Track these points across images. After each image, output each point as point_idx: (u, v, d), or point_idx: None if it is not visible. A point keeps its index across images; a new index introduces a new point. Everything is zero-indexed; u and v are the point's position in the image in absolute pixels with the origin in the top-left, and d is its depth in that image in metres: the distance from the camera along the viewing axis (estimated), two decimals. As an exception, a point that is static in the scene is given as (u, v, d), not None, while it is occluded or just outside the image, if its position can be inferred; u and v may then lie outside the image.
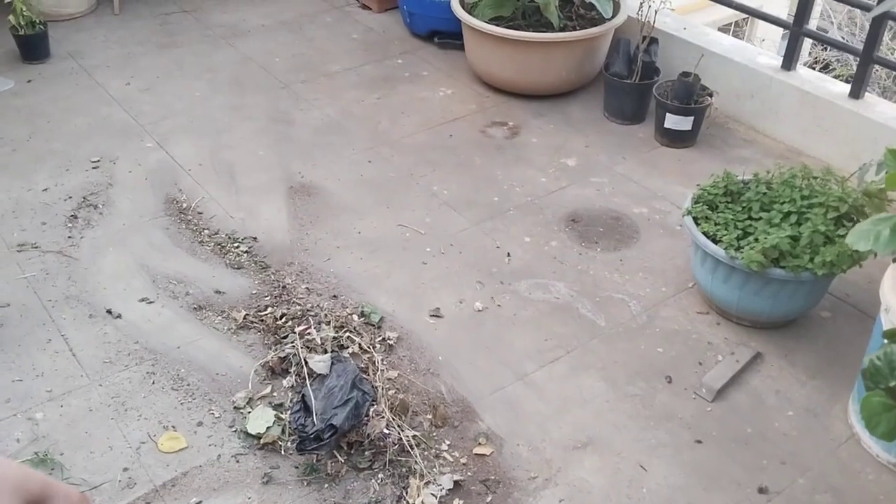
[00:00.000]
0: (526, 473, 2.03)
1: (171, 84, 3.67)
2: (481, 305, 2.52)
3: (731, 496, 1.98)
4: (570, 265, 2.68)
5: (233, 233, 2.79)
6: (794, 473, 2.04)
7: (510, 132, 3.39)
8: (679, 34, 3.55)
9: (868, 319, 2.46)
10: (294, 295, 2.52)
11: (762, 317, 2.39)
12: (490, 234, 2.82)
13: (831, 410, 2.21)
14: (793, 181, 2.39)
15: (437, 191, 3.02)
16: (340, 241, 2.77)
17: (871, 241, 1.55)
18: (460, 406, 2.20)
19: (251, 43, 4.04)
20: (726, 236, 2.30)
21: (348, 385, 2.10)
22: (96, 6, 4.33)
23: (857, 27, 9.70)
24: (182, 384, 2.23)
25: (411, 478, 1.98)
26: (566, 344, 2.39)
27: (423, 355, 2.35)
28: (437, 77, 3.78)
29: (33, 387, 2.21)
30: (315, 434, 2.01)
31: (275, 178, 3.07)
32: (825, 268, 2.18)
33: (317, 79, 3.75)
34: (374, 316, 2.44)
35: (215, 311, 2.47)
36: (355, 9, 4.42)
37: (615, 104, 3.45)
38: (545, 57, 3.46)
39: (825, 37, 4.06)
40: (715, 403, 2.22)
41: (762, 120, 3.36)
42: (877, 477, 2.04)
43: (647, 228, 2.85)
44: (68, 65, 3.78)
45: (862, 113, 3.03)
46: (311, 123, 3.42)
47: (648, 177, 3.12)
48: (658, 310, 2.52)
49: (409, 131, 3.37)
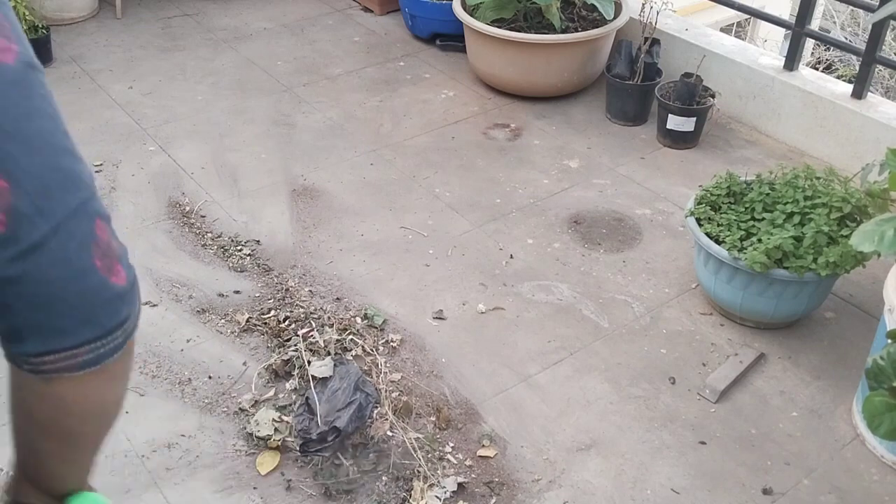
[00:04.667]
0: (530, 475, 2.02)
1: (174, 88, 3.68)
2: (484, 307, 2.52)
3: (735, 497, 1.98)
4: (572, 267, 2.68)
5: (236, 236, 2.80)
6: (798, 474, 2.04)
7: (512, 134, 3.39)
8: (681, 35, 3.55)
9: (872, 320, 2.46)
10: (297, 298, 2.52)
11: (766, 318, 2.39)
12: (493, 236, 2.82)
13: (836, 411, 2.21)
14: (796, 182, 2.39)
15: (440, 193, 3.02)
16: (343, 244, 2.77)
17: (876, 241, 1.55)
18: (464, 408, 2.20)
19: (253, 46, 4.05)
20: (729, 237, 2.30)
21: (351, 387, 2.10)
22: (98, 10, 4.34)
23: (860, 27, 9.69)
24: (186, 387, 2.24)
25: (415, 480, 1.98)
26: (569, 346, 2.39)
27: (427, 357, 2.35)
28: (439, 79, 3.78)
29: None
30: (319, 436, 2.01)
31: (277, 181, 3.08)
32: (829, 268, 2.18)
33: (319, 81, 3.75)
34: (378, 318, 2.44)
35: (218, 314, 2.47)
36: (357, 11, 4.42)
37: (617, 105, 3.45)
38: (547, 59, 3.46)
39: (827, 37, 4.06)
40: (719, 404, 2.21)
41: (764, 121, 3.36)
42: (882, 477, 2.04)
43: (649, 230, 2.85)
44: (71, 69, 3.79)
45: (864, 113, 3.03)
46: (313, 126, 3.42)
47: (651, 178, 3.12)
48: (661, 311, 2.52)
49: (411, 133, 3.38)
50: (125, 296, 0.72)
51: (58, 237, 0.67)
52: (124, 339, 0.73)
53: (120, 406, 0.80)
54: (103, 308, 0.71)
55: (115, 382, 0.77)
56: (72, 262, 0.68)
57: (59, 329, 0.69)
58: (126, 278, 0.73)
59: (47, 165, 0.67)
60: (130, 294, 0.73)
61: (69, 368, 0.71)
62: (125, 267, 0.73)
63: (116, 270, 0.71)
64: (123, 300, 0.72)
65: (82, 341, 0.70)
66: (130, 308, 0.73)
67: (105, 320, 0.71)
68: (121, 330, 0.72)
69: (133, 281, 0.74)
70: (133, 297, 0.74)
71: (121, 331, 0.72)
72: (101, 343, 0.71)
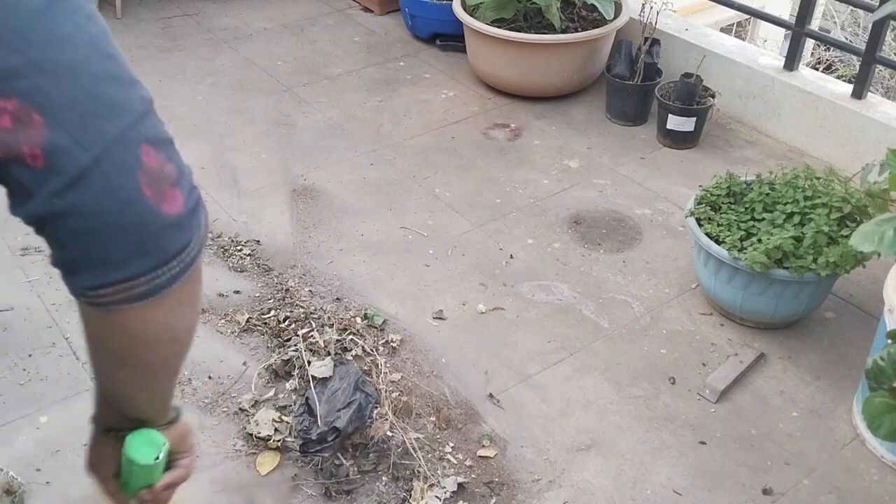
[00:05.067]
0: (530, 475, 2.02)
1: (174, 87, 3.68)
2: (484, 307, 2.52)
3: (735, 497, 1.98)
4: (572, 267, 2.68)
5: (236, 236, 2.80)
6: (798, 474, 2.04)
7: (512, 134, 3.39)
8: (681, 35, 3.55)
9: (872, 320, 2.46)
10: (297, 298, 2.52)
11: (766, 318, 2.39)
12: (493, 236, 2.82)
13: (836, 411, 2.21)
14: (796, 182, 2.39)
15: (440, 193, 3.02)
16: (343, 244, 2.77)
17: (876, 242, 1.55)
18: (464, 408, 2.20)
19: (253, 46, 4.05)
20: (729, 237, 2.30)
21: (351, 387, 2.10)
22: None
23: (860, 27, 9.69)
24: (186, 387, 2.24)
25: (415, 480, 1.98)
26: (569, 346, 2.39)
27: (427, 358, 2.35)
28: (439, 79, 3.78)
29: (37, 390, 2.22)
30: (319, 437, 2.01)
31: (277, 181, 3.08)
32: (829, 268, 2.18)
33: (319, 82, 3.75)
34: (378, 318, 2.44)
35: (218, 314, 2.48)
36: (357, 11, 4.42)
37: (617, 105, 3.45)
38: (547, 59, 3.46)
39: (827, 37, 4.06)
40: (719, 404, 2.21)
41: (764, 121, 3.36)
42: (882, 478, 2.04)
43: (649, 230, 2.85)
44: (71, 69, 3.79)
45: (864, 113, 3.03)
46: (313, 126, 3.42)
47: (651, 178, 3.12)
48: (661, 311, 2.52)
49: (411, 133, 3.38)
50: (182, 223, 0.69)
51: (100, 168, 0.65)
52: (183, 267, 0.70)
53: (192, 332, 0.78)
54: (155, 238, 0.68)
55: (180, 309, 0.74)
56: (116, 192, 0.65)
57: (111, 261, 0.67)
58: (184, 204, 0.69)
59: (83, 95, 0.65)
60: (189, 220, 0.70)
61: (126, 300, 0.69)
62: (185, 191, 0.70)
63: (170, 196, 0.68)
64: (181, 227, 0.69)
65: (136, 273, 0.68)
66: (189, 235, 0.70)
67: (158, 251, 0.68)
68: (177, 259, 0.69)
69: (194, 206, 0.71)
70: (192, 223, 0.70)
71: (177, 260, 0.69)
72: (157, 273, 0.69)
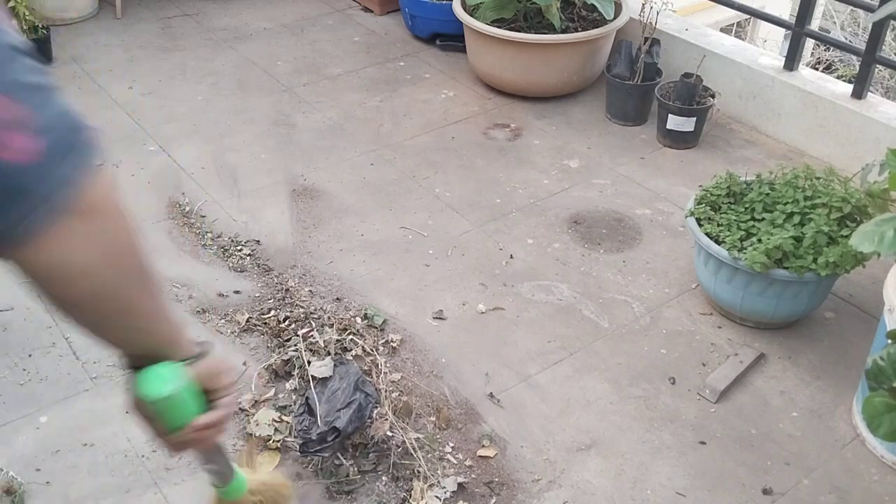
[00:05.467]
0: (530, 475, 2.02)
1: (174, 88, 3.68)
2: (484, 307, 2.52)
3: (735, 497, 1.98)
4: (572, 267, 2.68)
5: (236, 236, 2.80)
6: (798, 474, 2.04)
7: (512, 134, 3.39)
8: (681, 35, 3.55)
9: (872, 320, 2.46)
10: (297, 298, 2.52)
11: (765, 318, 2.39)
12: (493, 236, 2.82)
13: (836, 411, 2.21)
14: (795, 182, 2.39)
15: (440, 193, 3.02)
16: (343, 244, 2.77)
17: (876, 242, 1.55)
18: (464, 408, 2.20)
19: (253, 46, 4.05)
20: (729, 237, 2.30)
21: (350, 387, 2.10)
22: (98, 10, 4.34)
23: (860, 27, 9.69)
24: (186, 387, 2.24)
25: (415, 480, 1.98)
26: (569, 346, 2.39)
27: (427, 358, 2.35)
28: (439, 79, 3.78)
29: (37, 390, 2.22)
30: (319, 436, 2.01)
31: (277, 181, 3.08)
32: (828, 268, 2.18)
33: (319, 82, 3.75)
34: (378, 318, 2.44)
35: (218, 314, 2.48)
36: (357, 11, 4.42)
37: (617, 105, 3.45)
38: (547, 59, 3.46)
39: (827, 37, 4.06)
40: (719, 404, 2.22)
41: (764, 121, 3.36)
42: (882, 478, 2.04)
43: (649, 230, 2.85)
44: (71, 69, 3.79)
45: (864, 113, 3.03)
46: (313, 126, 3.42)
47: (651, 178, 3.12)
48: (661, 311, 2.52)
49: (411, 133, 3.38)
50: (30, 169, 0.64)
51: None
52: (50, 208, 0.65)
53: (107, 264, 0.74)
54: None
55: (74, 244, 0.69)
56: None
57: None
58: (35, 147, 0.64)
59: None
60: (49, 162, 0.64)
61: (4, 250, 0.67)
62: (36, 134, 0.64)
63: (8, 143, 0.62)
64: (25, 173, 0.63)
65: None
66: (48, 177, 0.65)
67: (5, 200, 0.64)
68: (31, 203, 0.64)
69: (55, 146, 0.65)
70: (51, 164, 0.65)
71: (31, 203, 0.64)
72: (11, 222, 0.65)
